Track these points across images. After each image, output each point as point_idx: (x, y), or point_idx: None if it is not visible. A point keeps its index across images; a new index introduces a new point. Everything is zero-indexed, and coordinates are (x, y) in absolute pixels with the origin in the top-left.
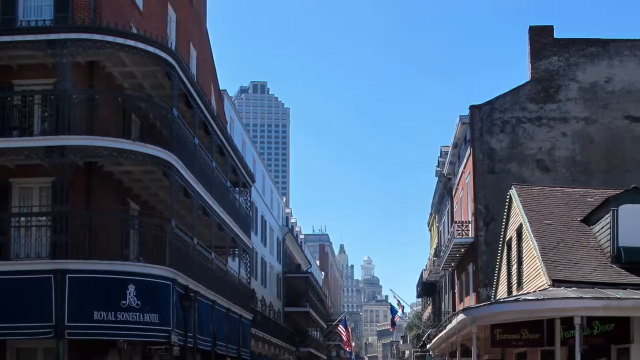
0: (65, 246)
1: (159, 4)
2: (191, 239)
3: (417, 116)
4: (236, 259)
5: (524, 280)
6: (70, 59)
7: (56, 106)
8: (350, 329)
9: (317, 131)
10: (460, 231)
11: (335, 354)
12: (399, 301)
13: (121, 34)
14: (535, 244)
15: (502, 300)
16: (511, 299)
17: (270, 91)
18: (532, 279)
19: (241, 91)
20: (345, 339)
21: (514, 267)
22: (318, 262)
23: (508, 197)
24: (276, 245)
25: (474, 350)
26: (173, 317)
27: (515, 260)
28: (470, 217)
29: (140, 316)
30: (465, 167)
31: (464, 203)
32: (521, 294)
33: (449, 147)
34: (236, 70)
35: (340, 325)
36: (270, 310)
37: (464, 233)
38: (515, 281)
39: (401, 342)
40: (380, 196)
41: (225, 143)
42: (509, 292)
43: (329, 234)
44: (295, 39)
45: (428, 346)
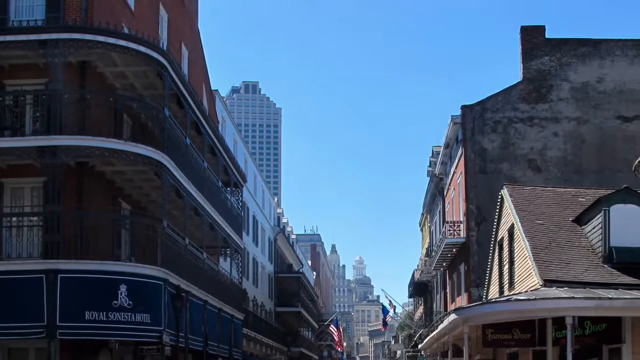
0: (57, 246)
1: (150, 4)
2: (183, 239)
3: (409, 116)
4: (228, 259)
5: (515, 280)
6: (61, 59)
7: (48, 106)
8: (341, 329)
9: (308, 131)
10: (451, 231)
11: (326, 354)
12: (390, 301)
13: (113, 34)
14: (527, 243)
15: (493, 300)
16: (503, 299)
17: (262, 91)
18: (524, 279)
19: (233, 91)
20: (336, 339)
21: (506, 267)
22: (310, 262)
23: (500, 197)
24: (268, 245)
25: (465, 350)
26: (165, 317)
27: (507, 260)
28: (462, 217)
29: (132, 316)
30: (456, 167)
31: (455, 203)
32: (513, 294)
33: (440, 147)
34: (228, 70)
35: (332, 325)
36: (261, 310)
37: (455, 233)
38: (507, 281)
39: (393, 342)
40: (372, 196)
41: (217, 143)
42: (501, 292)
43: (321, 234)
44: (287, 39)
45: (420, 346)
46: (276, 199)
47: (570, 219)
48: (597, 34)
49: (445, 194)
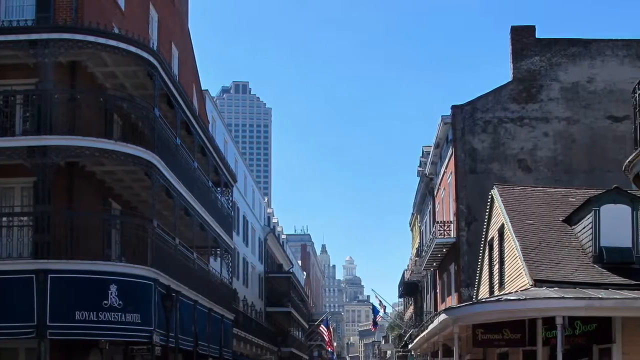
0: (47, 246)
1: (140, 3)
2: (173, 239)
3: (399, 116)
4: (218, 259)
5: (505, 280)
6: (52, 59)
7: (38, 106)
8: (332, 329)
9: (299, 131)
10: (442, 231)
11: (317, 354)
12: (380, 301)
13: (103, 34)
14: (517, 244)
15: (483, 300)
16: (493, 299)
17: (252, 91)
18: (514, 279)
19: (223, 91)
20: (327, 339)
21: (496, 267)
22: (300, 262)
23: (490, 197)
24: (258, 245)
25: (455, 350)
26: (155, 317)
27: (497, 260)
28: (452, 217)
29: (122, 316)
30: (447, 167)
31: (445, 203)
32: (503, 294)
33: (430, 147)
34: (218, 70)
35: (322, 325)
36: (252, 310)
37: (445, 233)
38: (497, 281)
39: (383, 342)
40: (362, 196)
41: (207, 143)
42: (491, 292)
43: (311, 234)
44: (277, 39)
45: (410, 346)
46: (266, 199)
47: (561, 219)
48: (587, 34)
49: (435, 194)
